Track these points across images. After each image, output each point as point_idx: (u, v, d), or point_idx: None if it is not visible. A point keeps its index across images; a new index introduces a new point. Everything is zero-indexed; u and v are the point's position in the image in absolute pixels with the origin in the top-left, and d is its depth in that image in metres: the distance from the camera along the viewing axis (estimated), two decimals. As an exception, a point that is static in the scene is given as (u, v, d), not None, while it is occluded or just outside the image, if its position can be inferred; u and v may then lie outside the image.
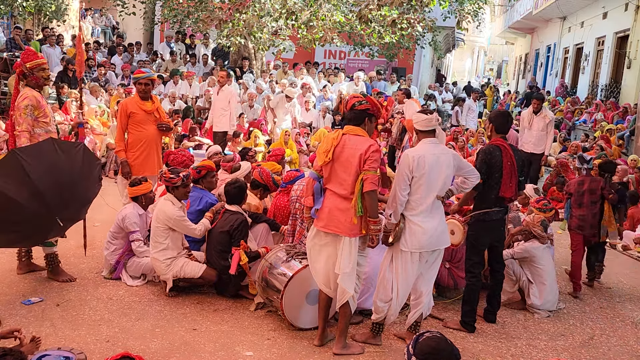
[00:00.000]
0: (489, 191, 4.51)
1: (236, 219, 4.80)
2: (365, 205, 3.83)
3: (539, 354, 4.36)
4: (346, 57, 20.32)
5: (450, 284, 5.20)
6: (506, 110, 12.70)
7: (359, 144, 3.86)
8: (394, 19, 12.79)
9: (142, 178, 5.40)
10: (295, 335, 4.33)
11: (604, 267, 6.04)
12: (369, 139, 3.92)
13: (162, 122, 6.12)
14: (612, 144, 11.29)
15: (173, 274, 4.80)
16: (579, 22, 18.54)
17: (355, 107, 3.95)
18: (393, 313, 4.16)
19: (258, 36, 13.74)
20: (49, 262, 5.04)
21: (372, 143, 3.87)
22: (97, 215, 6.54)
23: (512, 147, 4.63)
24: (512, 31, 27.34)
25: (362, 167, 3.81)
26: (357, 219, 3.85)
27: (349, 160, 3.85)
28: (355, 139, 3.90)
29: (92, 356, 3.78)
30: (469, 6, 17.91)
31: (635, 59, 13.64)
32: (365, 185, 3.79)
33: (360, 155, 3.81)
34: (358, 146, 3.85)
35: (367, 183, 3.79)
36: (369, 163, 3.80)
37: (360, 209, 3.82)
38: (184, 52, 16.29)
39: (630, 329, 4.97)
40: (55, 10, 15.95)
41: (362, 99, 3.99)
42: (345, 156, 3.87)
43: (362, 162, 3.80)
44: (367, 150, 3.81)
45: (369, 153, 3.80)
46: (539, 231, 5.13)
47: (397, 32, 13.27)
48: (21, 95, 4.78)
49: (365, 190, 3.80)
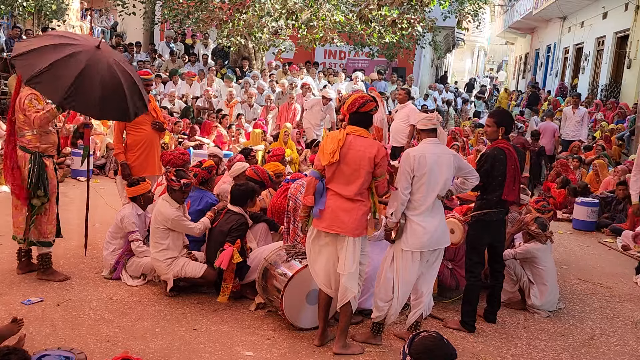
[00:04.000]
0: (492, 194, 4.51)
1: (237, 219, 4.80)
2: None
3: (539, 354, 4.36)
4: (346, 57, 20.31)
5: (452, 284, 5.20)
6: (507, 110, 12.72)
7: (367, 146, 3.87)
8: (394, 19, 12.79)
9: (140, 178, 5.40)
10: (295, 335, 4.33)
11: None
12: (376, 142, 3.95)
13: (156, 120, 6.10)
14: (612, 144, 11.29)
15: (174, 274, 4.80)
16: (579, 22, 18.53)
17: (360, 108, 3.93)
18: (394, 313, 4.16)
19: (258, 36, 13.74)
20: (41, 262, 5.02)
21: (380, 146, 3.92)
22: (97, 215, 6.54)
23: (516, 149, 4.62)
24: (512, 31, 27.33)
25: (373, 171, 3.87)
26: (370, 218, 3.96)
27: (356, 161, 3.85)
28: (361, 140, 3.90)
29: (92, 356, 3.78)
30: (469, 6, 17.93)
31: (635, 59, 13.64)
32: (379, 189, 3.97)
33: (370, 158, 3.83)
34: (366, 149, 3.85)
35: (380, 187, 3.96)
36: (381, 169, 3.88)
37: (375, 211, 3.99)
38: (182, 52, 16.28)
39: (630, 329, 4.97)
40: (55, 10, 15.92)
41: (369, 98, 3.97)
42: (351, 157, 3.87)
43: (374, 167, 3.84)
44: (378, 154, 3.85)
45: (380, 158, 3.86)
46: (535, 229, 5.12)
47: (398, 32, 13.26)
48: (21, 95, 4.76)
49: (378, 193, 3.98)
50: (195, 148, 10.39)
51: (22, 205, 4.85)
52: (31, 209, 4.85)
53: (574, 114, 11.90)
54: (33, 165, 4.76)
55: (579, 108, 12.03)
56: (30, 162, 4.76)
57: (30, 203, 4.83)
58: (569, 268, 6.54)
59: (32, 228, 4.91)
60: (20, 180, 4.78)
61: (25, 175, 4.76)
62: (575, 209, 8.60)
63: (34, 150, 4.79)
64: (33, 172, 4.76)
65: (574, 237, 8.12)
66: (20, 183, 4.78)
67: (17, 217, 4.91)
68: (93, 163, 9.84)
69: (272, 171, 5.82)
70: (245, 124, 12.26)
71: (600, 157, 10.28)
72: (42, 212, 4.90)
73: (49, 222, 4.95)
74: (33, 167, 4.76)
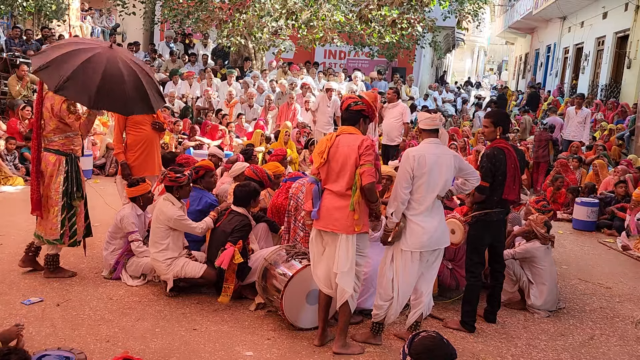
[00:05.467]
0: (492, 193, 4.51)
1: (240, 220, 4.80)
2: (363, 199, 3.88)
3: (539, 354, 4.36)
4: (346, 57, 20.31)
5: (452, 284, 5.20)
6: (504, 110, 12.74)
7: (352, 140, 3.91)
8: (394, 19, 12.80)
9: (140, 179, 5.40)
10: (295, 335, 4.33)
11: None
12: (361, 135, 3.97)
13: (156, 120, 6.11)
14: (612, 144, 11.30)
15: (174, 274, 4.79)
16: (579, 22, 18.54)
17: (350, 107, 4.00)
18: (394, 313, 4.16)
19: (258, 36, 13.74)
20: (48, 262, 5.05)
21: (364, 138, 3.92)
22: (97, 215, 6.53)
23: (515, 148, 4.62)
24: (512, 31, 27.34)
25: (357, 162, 3.84)
26: (357, 214, 3.86)
27: (344, 157, 3.90)
28: (348, 137, 3.94)
29: (92, 356, 3.78)
30: (469, 6, 17.92)
31: (635, 59, 13.64)
32: (363, 178, 3.82)
33: (354, 150, 3.86)
34: (352, 143, 3.89)
35: (365, 176, 3.82)
36: (364, 157, 3.84)
37: (352, 204, 3.84)
38: (182, 52, 16.28)
39: (630, 329, 4.97)
40: (55, 10, 15.92)
41: (358, 99, 4.03)
42: (339, 155, 3.91)
43: (358, 157, 3.84)
44: (361, 145, 3.86)
45: (363, 148, 3.85)
46: (543, 231, 5.12)
47: (397, 32, 13.26)
48: (52, 102, 4.82)
49: (364, 184, 3.82)
50: (195, 148, 10.40)
51: (52, 206, 4.89)
52: (69, 210, 4.94)
53: (576, 114, 11.86)
54: (70, 167, 4.89)
55: (582, 109, 11.95)
56: (67, 164, 4.89)
57: (70, 204, 4.93)
58: (569, 268, 6.54)
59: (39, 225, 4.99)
60: (50, 183, 4.87)
61: (62, 179, 4.87)
62: (575, 209, 8.61)
63: (69, 152, 4.91)
64: (71, 174, 4.89)
65: (574, 237, 8.13)
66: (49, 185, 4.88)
67: (45, 219, 4.93)
68: (93, 163, 9.85)
69: (272, 172, 5.81)
70: (245, 124, 12.27)
71: (600, 157, 10.28)
72: (77, 212, 5.02)
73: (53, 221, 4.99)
74: (70, 168, 4.89)
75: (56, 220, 4.91)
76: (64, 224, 4.94)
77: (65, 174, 4.89)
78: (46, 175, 4.90)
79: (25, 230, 6.07)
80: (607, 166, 9.95)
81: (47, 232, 4.94)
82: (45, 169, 4.89)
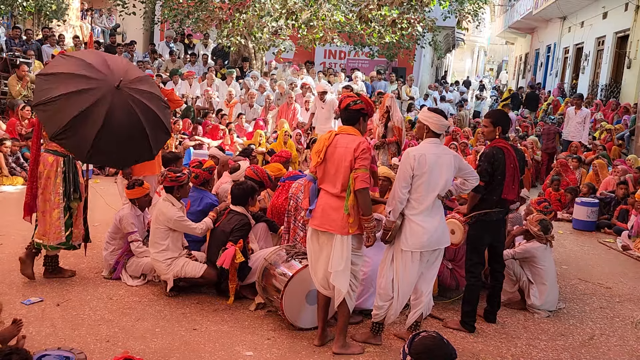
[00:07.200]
0: (491, 193, 4.51)
1: (240, 219, 4.80)
2: (357, 204, 3.86)
3: (539, 354, 4.36)
4: (346, 57, 20.30)
5: (452, 284, 5.20)
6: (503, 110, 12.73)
7: (350, 142, 3.89)
8: (394, 19, 12.79)
9: (138, 182, 5.37)
10: (295, 335, 4.33)
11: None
12: (359, 137, 3.94)
13: None
14: (612, 144, 11.29)
15: (174, 274, 4.80)
16: (579, 22, 18.53)
17: (349, 106, 3.99)
18: (394, 313, 4.16)
19: (258, 36, 13.73)
20: (47, 263, 5.05)
21: (362, 141, 3.90)
22: (97, 215, 6.54)
23: (515, 148, 4.62)
24: (512, 31, 27.33)
25: (352, 165, 3.83)
26: (352, 217, 3.86)
27: (340, 158, 3.89)
28: (347, 137, 3.94)
29: (92, 356, 3.78)
30: (469, 6, 17.92)
31: (635, 59, 13.64)
32: (356, 183, 3.82)
33: (351, 153, 3.85)
34: (349, 144, 3.88)
35: (358, 181, 3.82)
36: (360, 161, 3.83)
37: (347, 207, 3.84)
38: (182, 52, 16.27)
39: (630, 329, 4.97)
40: (55, 10, 15.92)
41: (357, 98, 4.02)
42: (337, 155, 3.91)
43: (353, 160, 3.83)
44: (357, 148, 3.84)
45: (359, 151, 3.84)
46: (537, 230, 5.13)
47: (397, 32, 13.26)
48: None
49: (357, 189, 3.83)
50: (195, 148, 10.40)
51: (54, 209, 4.86)
52: (65, 212, 4.91)
53: (575, 115, 11.85)
54: (68, 168, 4.87)
55: (582, 109, 11.93)
56: (65, 165, 4.86)
57: (68, 206, 4.91)
58: (569, 268, 6.54)
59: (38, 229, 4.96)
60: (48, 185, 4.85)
61: (60, 180, 4.84)
62: (575, 209, 8.61)
63: (67, 153, 4.86)
64: (68, 175, 4.86)
65: (574, 237, 8.13)
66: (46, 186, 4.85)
67: (48, 223, 4.89)
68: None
69: (274, 174, 5.77)
70: (245, 124, 12.27)
71: (599, 157, 10.29)
72: (75, 214, 4.99)
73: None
74: (68, 169, 4.87)
75: (59, 222, 4.87)
76: (68, 226, 4.92)
77: (63, 174, 4.85)
78: (43, 177, 4.84)
79: (25, 230, 6.05)
80: (607, 166, 9.96)
81: (50, 237, 4.88)
82: (42, 170, 4.85)
